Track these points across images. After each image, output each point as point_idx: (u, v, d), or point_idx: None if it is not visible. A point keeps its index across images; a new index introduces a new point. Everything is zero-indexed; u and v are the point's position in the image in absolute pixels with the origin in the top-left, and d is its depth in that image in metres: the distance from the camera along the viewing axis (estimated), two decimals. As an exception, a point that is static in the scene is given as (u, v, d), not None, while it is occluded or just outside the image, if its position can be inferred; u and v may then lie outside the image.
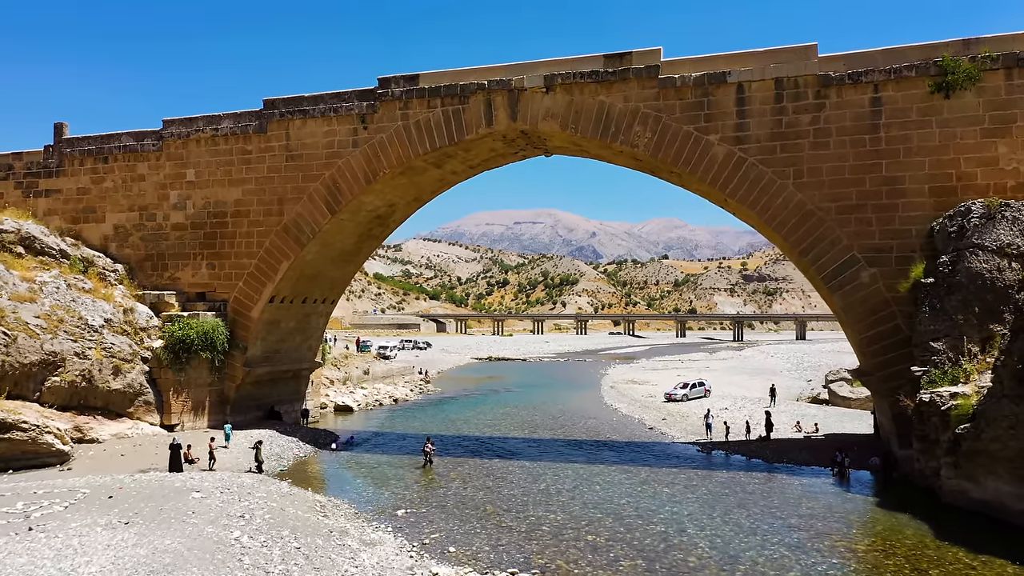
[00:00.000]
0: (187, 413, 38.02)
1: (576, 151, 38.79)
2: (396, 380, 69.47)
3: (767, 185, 32.27)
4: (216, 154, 40.59)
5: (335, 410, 52.03)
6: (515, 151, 39.39)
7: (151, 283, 41.34)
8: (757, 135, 32.55)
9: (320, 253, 40.25)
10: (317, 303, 43.35)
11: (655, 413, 48.74)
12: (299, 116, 39.03)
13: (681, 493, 27.52)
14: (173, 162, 41.36)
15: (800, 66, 31.95)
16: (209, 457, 30.22)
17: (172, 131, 41.37)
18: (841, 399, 50.63)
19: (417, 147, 37.02)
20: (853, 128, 31.29)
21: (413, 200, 42.10)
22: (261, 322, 39.57)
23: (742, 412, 46.86)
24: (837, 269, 31.23)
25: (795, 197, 31.91)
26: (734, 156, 32.75)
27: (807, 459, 33.36)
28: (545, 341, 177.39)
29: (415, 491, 27.99)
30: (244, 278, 39.56)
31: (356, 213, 39.60)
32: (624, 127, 34.20)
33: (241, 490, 23.17)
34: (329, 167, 38.42)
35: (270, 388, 41.98)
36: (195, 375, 38.18)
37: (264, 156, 39.69)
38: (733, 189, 32.76)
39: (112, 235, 42.35)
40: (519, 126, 35.75)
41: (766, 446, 36.16)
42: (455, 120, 36.46)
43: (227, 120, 40.42)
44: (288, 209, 39.04)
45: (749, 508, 25.25)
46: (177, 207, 41.24)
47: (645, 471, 31.35)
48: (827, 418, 42.85)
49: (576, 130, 34.88)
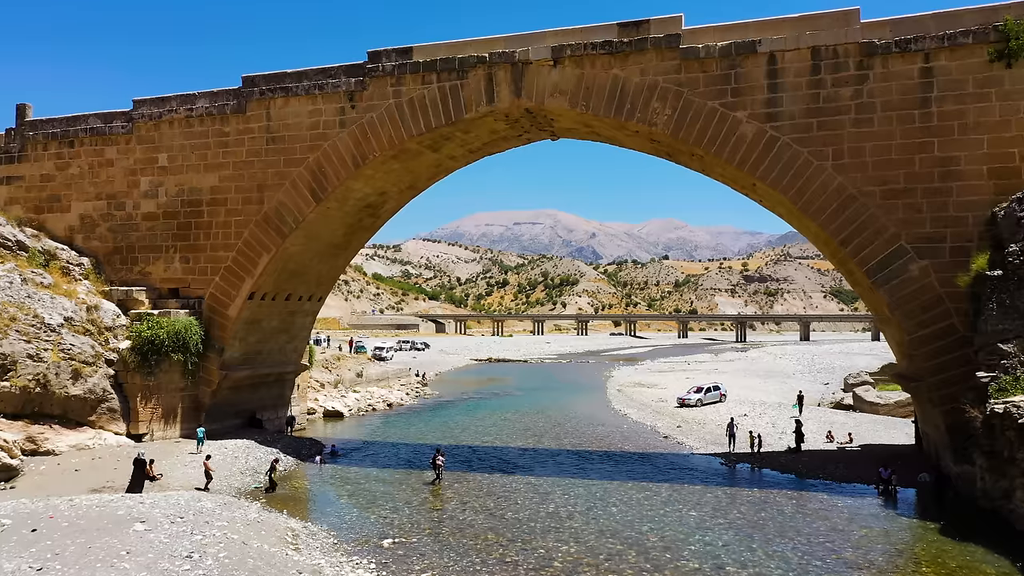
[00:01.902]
0: (157, 421, 34.44)
1: (586, 133, 35.24)
2: (391, 383, 65.90)
3: (802, 167, 28.74)
4: (191, 137, 37.01)
5: (324, 416, 48.47)
6: (519, 133, 35.85)
7: (120, 278, 37.77)
8: (791, 111, 29.02)
9: (305, 246, 36.70)
10: (302, 300, 39.78)
11: (668, 420, 45.18)
12: (281, 94, 35.48)
13: (711, 517, 23.97)
14: (144, 146, 37.78)
15: (840, 33, 28.42)
16: (205, 477, 26.80)
17: (143, 112, 37.80)
18: (868, 404, 47.08)
19: (411, 127, 33.48)
20: (901, 103, 27.76)
21: (407, 188, 38.55)
22: (240, 321, 35.99)
23: (763, 419, 43.30)
24: (883, 261, 27.70)
25: (834, 180, 28.38)
26: (765, 135, 29.22)
27: (845, 474, 29.82)
28: (546, 342, 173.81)
29: (406, 514, 24.41)
30: (221, 273, 35.99)
31: (344, 202, 36.05)
32: (640, 104, 30.67)
33: (197, 519, 19.57)
34: (314, 150, 34.86)
35: (250, 393, 38.41)
36: (166, 379, 34.60)
37: (243, 139, 36.13)
38: (764, 171, 29.23)
39: (78, 226, 38.78)
40: (523, 104, 32.22)
41: (797, 459, 32.63)
42: (453, 97, 32.92)
43: (203, 99, 36.86)
44: (269, 197, 35.48)
45: (793, 537, 21.71)
46: (148, 195, 37.67)
47: (666, 489, 27.80)
48: (858, 426, 39.32)
49: (587, 108, 31.34)
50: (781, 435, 38.04)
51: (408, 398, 59.17)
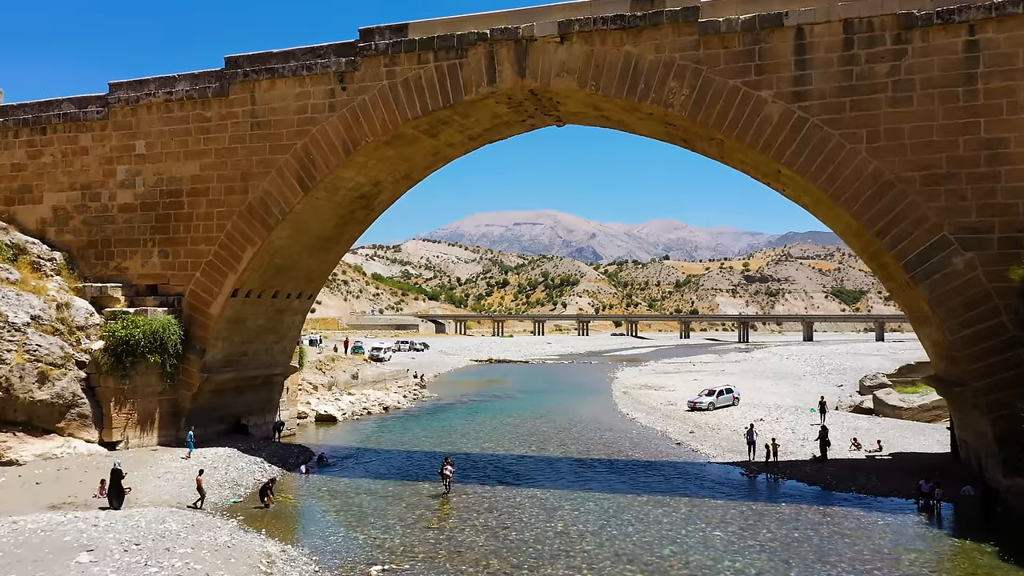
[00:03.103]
0: (132, 428, 31.95)
1: (595, 117, 32.75)
2: (388, 385, 63.25)
3: (834, 151, 26.24)
4: (170, 122, 34.50)
5: (316, 420, 45.95)
6: (522, 118, 33.35)
7: (95, 274, 35.26)
8: (821, 90, 26.52)
9: (292, 238, 34.20)
10: (291, 298, 37.27)
11: (680, 425, 42.66)
12: (267, 76, 32.97)
13: (739, 537, 21.47)
14: (121, 132, 35.26)
15: (875, 4, 25.92)
16: (198, 494, 24.34)
17: (120, 96, 35.28)
18: (890, 408, 44.58)
19: (406, 111, 30.98)
20: (943, 79, 25.26)
21: (403, 178, 36.05)
22: (222, 320, 33.48)
23: (781, 424, 40.80)
24: (923, 254, 25.20)
25: (869, 165, 25.88)
26: (792, 115, 26.72)
27: (878, 487, 27.32)
28: (547, 342, 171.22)
29: (398, 534, 21.91)
30: (202, 268, 33.49)
31: (334, 191, 33.55)
32: (655, 83, 28.17)
33: (157, 545, 17.07)
34: (302, 136, 32.36)
35: (235, 397, 35.90)
36: (142, 382, 32.11)
37: (226, 124, 33.63)
38: (791, 156, 26.73)
39: (51, 218, 36.26)
40: (528, 84, 29.72)
41: (824, 469, 30.12)
42: (451, 78, 30.43)
43: (183, 82, 34.34)
44: (254, 186, 32.97)
45: (835, 563, 19.23)
46: (125, 185, 35.15)
47: (685, 504, 25.29)
48: (884, 433, 36.80)
49: (596, 88, 28.84)
50: (803, 442, 35.54)
51: (405, 401, 56.65)
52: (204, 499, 24.40)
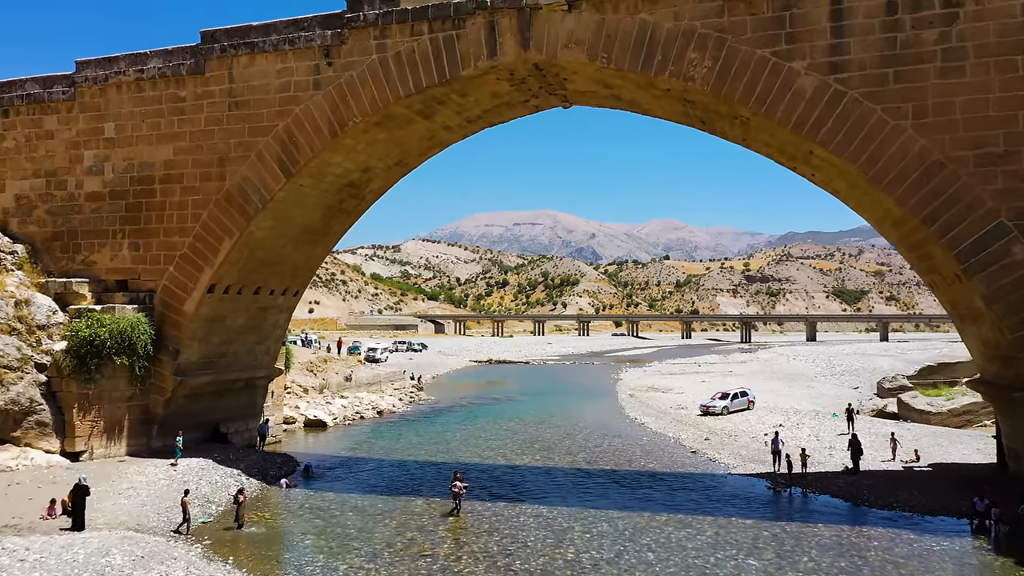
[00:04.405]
0: (97, 437, 29.12)
1: (605, 96, 29.94)
2: (383, 387, 60.35)
3: (875, 128, 23.44)
4: (142, 103, 31.69)
5: (305, 426, 43.12)
6: (525, 98, 30.53)
7: (60, 268, 32.45)
8: (860, 60, 23.72)
9: (275, 229, 31.39)
10: (275, 294, 34.45)
11: (693, 431, 39.82)
12: (246, 51, 30.17)
13: (777, 567, 18.66)
14: (88, 114, 32.44)
15: (922, -37, 23.14)
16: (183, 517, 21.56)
17: (87, 75, 32.47)
18: (917, 413, 41.77)
19: (398, 88, 28.18)
20: (999, 47, 22.48)
21: (395, 164, 33.23)
22: (198, 318, 30.67)
23: (803, 430, 37.98)
24: (978, 243, 22.41)
25: (915, 144, 23.08)
26: (828, 89, 23.92)
27: (924, 503, 24.47)
28: (547, 343, 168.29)
29: (384, 563, 19.09)
30: (175, 261, 30.68)
31: (320, 178, 30.75)
32: (674, 55, 25.37)
33: (91, 586, 14.23)
34: (284, 116, 29.56)
35: (214, 402, 33.08)
36: (109, 387, 29.29)
37: (201, 104, 30.81)
38: (827, 134, 23.92)
39: (13, 208, 33.42)
40: (532, 57, 26.92)
41: (859, 482, 27.28)
42: (447, 51, 27.62)
43: (155, 59, 31.53)
44: (231, 172, 30.17)
45: (895, 600, 16.41)
46: (93, 171, 32.33)
47: (710, 525, 22.46)
48: (916, 440, 33.96)
49: (608, 61, 26.03)
50: (830, 451, 32.73)
51: (401, 404, 53.81)
52: (189, 523, 21.56)
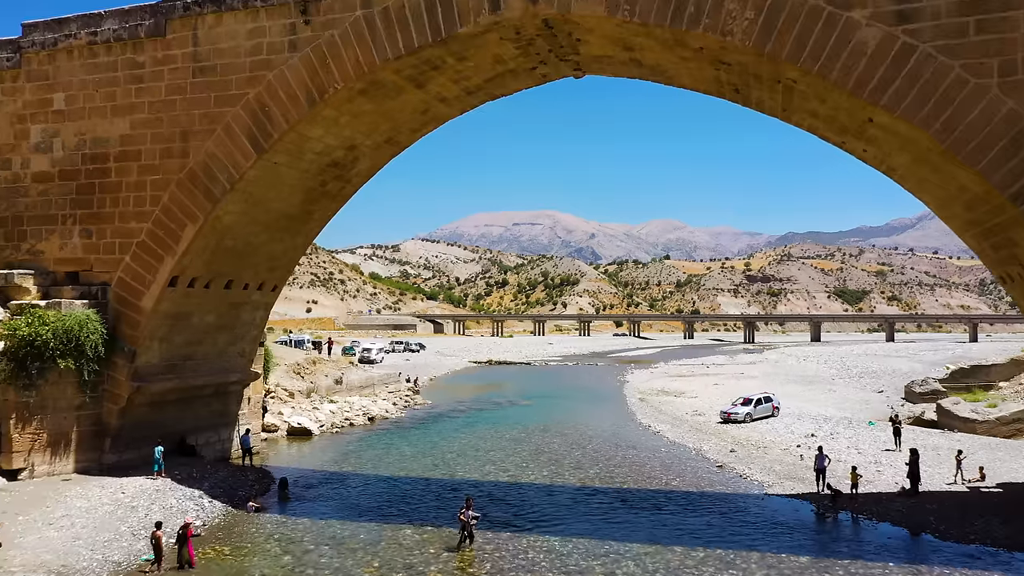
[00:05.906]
0: (39, 452, 25.28)
1: (623, 61, 26.07)
2: (377, 391, 56.46)
3: (952, 87, 19.63)
4: (95, 70, 27.85)
5: (288, 434, 39.33)
6: (532, 64, 26.67)
7: (3, 259, 28.60)
8: (934, 8, 19.90)
9: (246, 214, 27.57)
10: (249, 289, 30.62)
11: (716, 441, 36.01)
12: (212, 10, 26.33)
13: (854, 627, 14.84)
14: (35, 84, 28.61)
15: None
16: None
17: (35, 39, 28.64)
18: (960, 421, 37.94)
19: (385, 49, 24.34)
20: (1107, -12, 18.70)
21: (385, 141, 29.38)
22: (159, 315, 26.86)
23: (839, 442, 34.16)
24: (1080, 224, 18.63)
25: (1003, 106, 19.27)
26: (895, 42, 20.10)
27: (1008, 535, 20.63)
28: (548, 343, 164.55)
29: (362, 619, 15.27)
30: (132, 250, 26.85)
31: (298, 156, 26.93)
32: (710, 5, 21.55)
33: None
34: (255, 83, 25.73)
35: (179, 411, 29.26)
36: (53, 394, 25.46)
37: (162, 71, 26.98)
38: (893, 97, 20.10)
39: (-48, 191, 29.60)
40: (541, 11, 23.07)
41: (921, 506, 23.48)
42: (443, 4, 23.79)
43: (111, 19, 27.69)
44: (196, 148, 26.35)
45: None
46: (40, 148, 28.49)
47: (757, 564, 18.64)
48: (972, 454, 30.08)
49: (631, 14, 22.19)
50: (877, 467, 28.93)
51: (395, 409, 49.99)
52: (161, 563, 17.79)
